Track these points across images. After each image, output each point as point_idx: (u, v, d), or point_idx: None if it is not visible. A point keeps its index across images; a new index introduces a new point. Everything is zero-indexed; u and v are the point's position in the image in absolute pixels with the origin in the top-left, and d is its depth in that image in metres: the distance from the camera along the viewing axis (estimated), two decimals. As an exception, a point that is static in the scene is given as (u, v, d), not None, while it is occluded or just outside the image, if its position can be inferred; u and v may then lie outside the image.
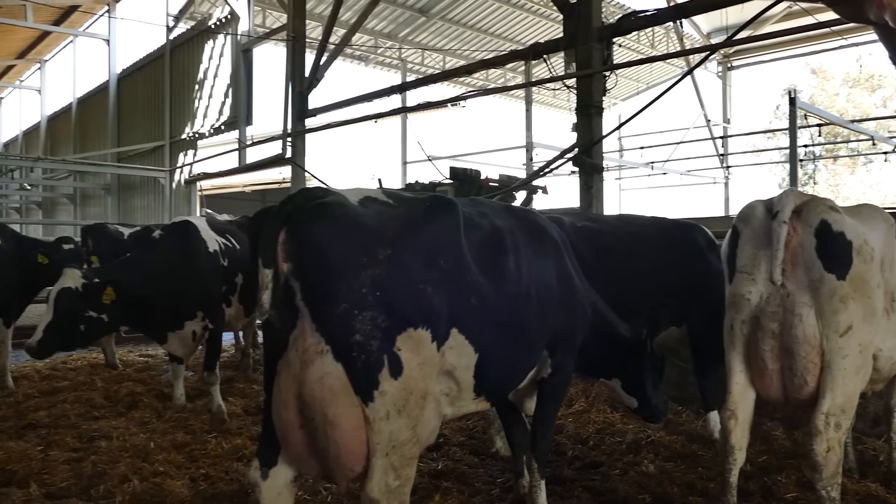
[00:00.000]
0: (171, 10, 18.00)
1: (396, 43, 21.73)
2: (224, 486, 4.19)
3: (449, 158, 17.23)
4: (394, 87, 10.84)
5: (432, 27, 21.69)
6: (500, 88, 18.54)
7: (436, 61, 23.56)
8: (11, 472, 4.41)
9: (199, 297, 5.77)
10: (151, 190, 18.07)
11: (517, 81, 24.33)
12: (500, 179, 10.14)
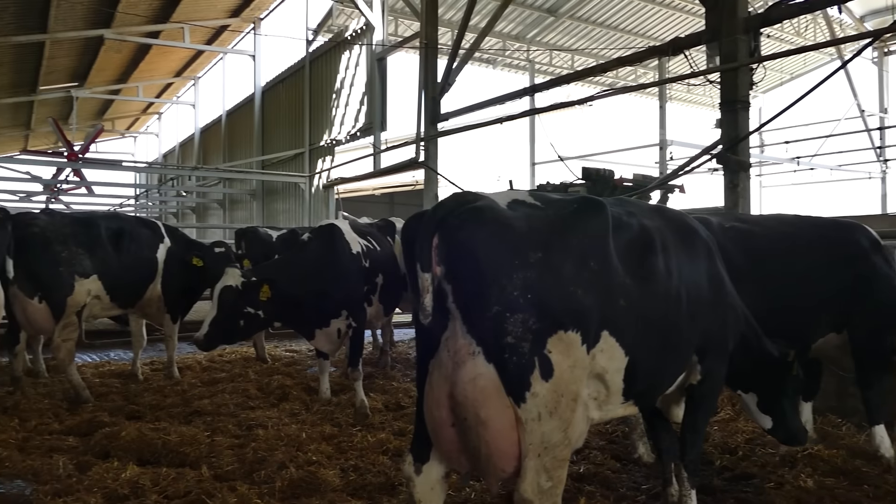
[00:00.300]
0: (310, 24, 18.99)
1: (524, 44, 21.71)
2: (372, 478, 4.37)
3: (579, 158, 16.99)
4: (526, 90, 10.85)
5: (560, 27, 21.49)
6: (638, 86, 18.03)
7: (564, 61, 23.32)
8: (184, 454, 4.84)
9: (343, 296, 6.07)
10: (292, 194, 19.12)
11: (647, 77, 23.60)
12: (635, 179, 9.87)
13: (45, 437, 5.35)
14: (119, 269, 7.07)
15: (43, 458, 4.78)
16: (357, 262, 6.21)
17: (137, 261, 7.32)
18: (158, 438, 5.01)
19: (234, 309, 5.51)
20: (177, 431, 5.20)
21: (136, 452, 4.86)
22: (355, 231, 6.48)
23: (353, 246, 6.24)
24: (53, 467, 4.53)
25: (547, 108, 10.61)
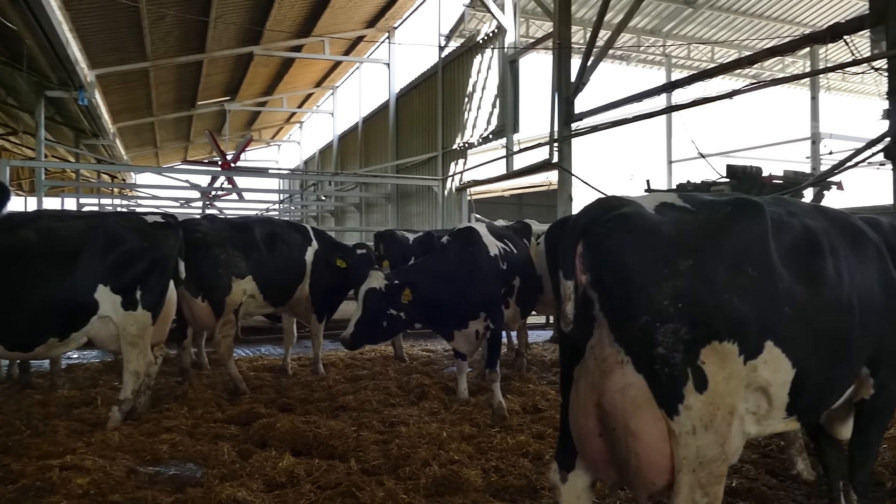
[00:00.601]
0: (442, 31, 19.37)
1: (661, 38, 20.96)
2: (514, 481, 4.39)
3: (721, 155, 16.15)
4: (665, 86, 10.47)
5: (699, 18, 20.55)
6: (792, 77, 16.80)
7: (703, 54, 22.27)
8: (333, 447, 5.09)
9: (482, 298, 6.14)
10: (426, 197, 19.58)
11: (796, 67, 22.04)
12: (786, 176, 9.23)
13: (211, 424, 5.81)
14: (271, 270, 7.56)
15: (209, 444, 5.20)
16: (495, 264, 6.27)
17: (288, 262, 7.79)
18: (310, 431, 5.29)
19: (378, 310, 5.72)
20: (326, 425, 5.46)
21: (289, 443, 5.16)
22: (492, 234, 6.54)
23: (491, 248, 6.30)
24: (219, 453, 4.91)
25: (688, 105, 10.17)
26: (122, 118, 24.01)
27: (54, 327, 5.28)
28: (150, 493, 4.17)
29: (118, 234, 5.59)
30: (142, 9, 14.15)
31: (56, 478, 4.28)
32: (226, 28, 17.63)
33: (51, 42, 11.62)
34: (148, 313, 5.69)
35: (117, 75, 18.12)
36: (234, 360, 7.40)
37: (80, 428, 5.62)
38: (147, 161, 36.07)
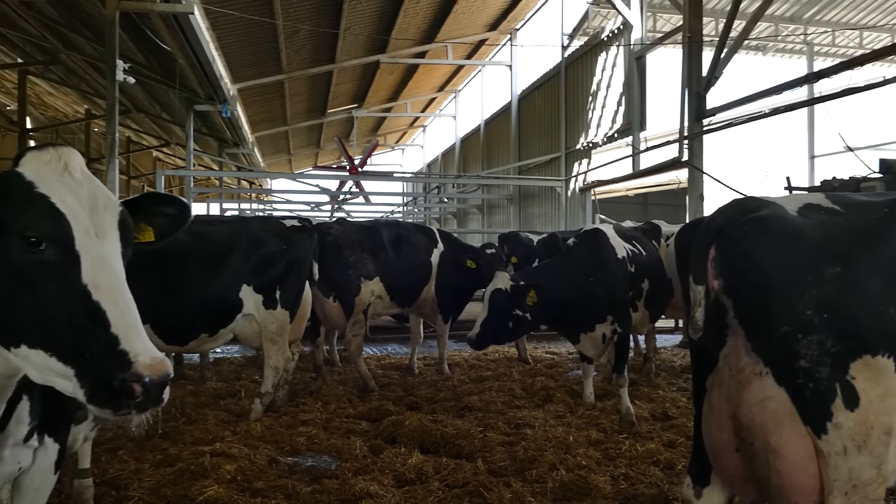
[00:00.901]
0: (565, 30, 19.14)
1: (801, 25, 19.62)
2: (644, 489, 4.28)
3: (871, 148, 14.88)
4: (808, 76, 9.79)
5: (844, 2, 19.02)
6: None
7: (850, 40, 20.63)
8: (459, 446, 5.16)
9: (609, 301, 6.01)
10: (548, 198, 19.42)
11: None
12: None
13: (343, 419, 6.07)
14: (398, 271, 7.79)
15: (342, 438, 5.43)
16: (622, 266, 6.13)
17: (414, 264, 8.00)
18: (437, 430, 5.40)
19: (504, 311, 5.74)
20: (452, 424, 5.55)
21: (418, 441, 5.29)
22: (620, 235, 6.40)
23: (619, 250, 6.16)
24: (352, 447, 5.12)
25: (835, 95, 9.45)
26: (259, 128, 25.57)
27: (205, 324, 5.71)
28: (289, 482, 4.42)
29: (260, 238, 5.97)
30: (278, 25, 15.01)
31: (207, 463, 4.62)
32: (354, 39, 18.34)
33: (199, 60, 12.59)
34: (286, 312, 6.03)
35: (256, 88, 19.32)
36: (364, 358, 7.67)
37: (227, 418, 6.05)
38: (281, 167, 38.20)
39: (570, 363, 9.03)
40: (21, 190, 1.88)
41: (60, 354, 1.81)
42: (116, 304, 1.83)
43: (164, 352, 2.12)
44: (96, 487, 4.13)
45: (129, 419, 1.79)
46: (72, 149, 2.04)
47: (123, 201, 2.14)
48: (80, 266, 1.85)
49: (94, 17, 12.51)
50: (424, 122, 38.21)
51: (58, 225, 1.86)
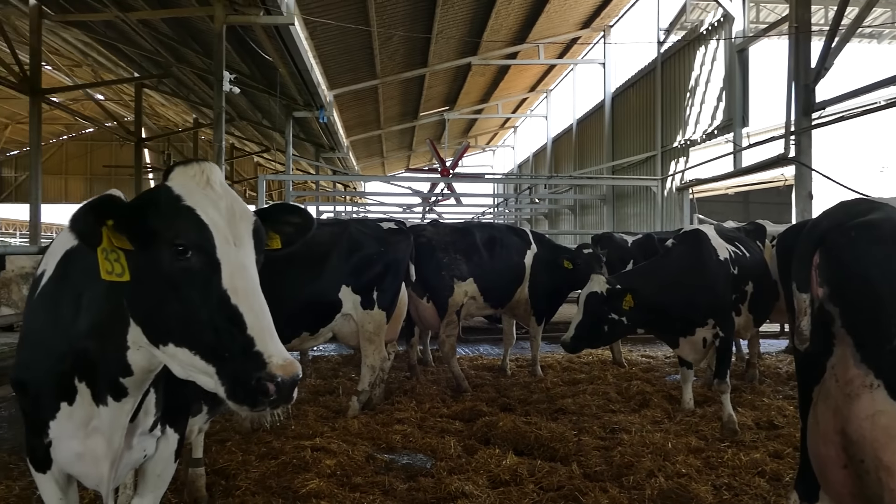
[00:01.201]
0: (661, 25, 18.60)
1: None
2: (749, 501, 4.11)
3: None
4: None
5: (973, -19, 17.58)
6: None
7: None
8: (554, 449, 5.13)
9: (709, 304, 5.81)
10: (643, 198, 18.92)
11: None
12: None
13: (437, 419, 6.14)
14: (491, 273, 7.81)
15: (437, 437, 5.50)
16: (724, 268, 5.90)
17: (507, 265, 8.00)
18: (531, 432, 5.38)
19: (599, 314, 5.65)
20: (546, 427, 5.52)
21: (512, 442, 5.30)
22: (722, 236, 6.17)
23: (720, 252, 5.94)
24: (446, 447, 5.18)
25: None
26: (354, 132, 26.25)
27: (307, 323, 5.93)
28: (386, 479, 4.53)
29: (359, 240, 6.15)
30: (373, 32, 15.37)
31: (309, 457, 4.80)
32: (446, 42, 18.52)
33: (299, 69, 13.07)
34: (383, 312, 6.17)
35: (351, 94, 19.85)
36: (457, 359, 7.74)
37: (326, 414, 6.26)
38: (374, 170, 39.05)
39: (668, 367, 8.77)
40: (171, 203, 2.06)
41: (203, 353, 1.96)
42: (252, 308, 1.97)
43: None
44: (207, 476, 4.38)
45: (263, 415, 1.92)
46: (212, 164, 2.21)
47: (255, 211, 2.29)
48: (221, 272, 2.00)
49: (203, 31, 13.23)
50: (515, 123, 38.05)
51: (202, 235, 2.01)
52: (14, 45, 13.69)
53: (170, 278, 2.01)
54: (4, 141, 35.30)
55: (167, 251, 2.01)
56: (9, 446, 5.53)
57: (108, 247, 2.03)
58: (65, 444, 2.44)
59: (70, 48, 18.68)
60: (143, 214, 2.05)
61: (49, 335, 2.38)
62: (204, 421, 3.72)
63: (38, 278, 2.56)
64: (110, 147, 37.74)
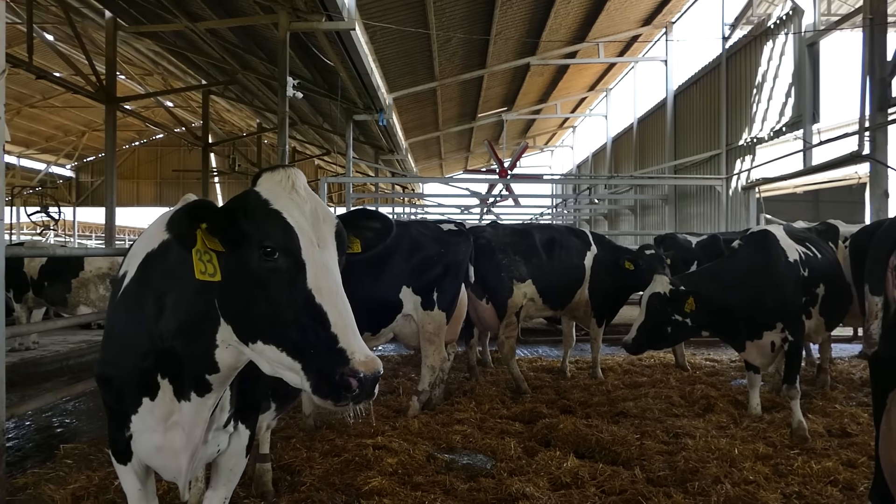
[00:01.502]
0: (726, 20, 18.10)
1: None
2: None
3: None
4: None
5: None
6: None
7: None
8: (616, 453, 5.07)
9: (778, 307, 5.65)
10: (707, 198, 18.46)
11: None
12: None
13: (497, 420, 6.15)
14: (551, 274, 7.76)
15: (496, 438, 5.51)
16: (794, 270, 5.72)
17: (567, 267, 7.94)
18: (592, 435, 5.34)
19: (662, 316, 5.56)
20: (608, 430, 5.47)
21: (572, 445, 5.26)
22: (791, 237, 5.98)
23: (790, 253, 5.76)
24: (506, 448, 5.18)
25: None
26: (412, 134, 26.46)
27: (368, 323, 6.04)
28: (447, 479, 4.56)
29: (419, 241, 6.22)
30: (432, 35, 15.48)
31: (370, 455, 4.88)
32: (505, 43, 18.49)
33: (359, 73, 13.28)
34: (443, 313, 6.22)
35: (410, 96, 20.02)
36: (516, 360, 7.72)
37: (387, 413, 6.35)
38: (433, 172, 39.26)
39: (733, 371, 8.55)
40: (259, 206, 2.17)
41: (289, 350, 2.05)
42: (336, 307, 2.05)
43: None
44: (273, 472, 4.50)
45: (346, 410, 1.99)
46: (297, 169, 2.31)
47: (338, 216, 2.38)
48: (306, 273, 2.09)
49: (267, 39, 13.59)
50: (574, 123, 37.66)
51: (288, 237, 2.10)
52: (91, 56, 14.35)
53: (258, 278, 2.10)
54: (82, 148, 37.00)
55: (256, 252, 2.10)
56: (88, 438, 5.82)
57: (201, 248, 2.14)
58: (145, 437, 2.57)
59: (142, 58, 19.46)
60: (233, 218, 2.16)
61: (132, 333, 2.51)
62: (272, 418, 3.84)
63: (120, 279, 2.70)
64: (179, 152, 39.14)
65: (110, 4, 12.97)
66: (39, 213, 26.24)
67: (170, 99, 26.23)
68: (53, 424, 6.56)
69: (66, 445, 5.43)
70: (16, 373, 8.43)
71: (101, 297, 10.57)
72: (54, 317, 11.57)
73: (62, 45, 18.03)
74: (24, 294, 10.85)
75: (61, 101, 27.85)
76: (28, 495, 4.40)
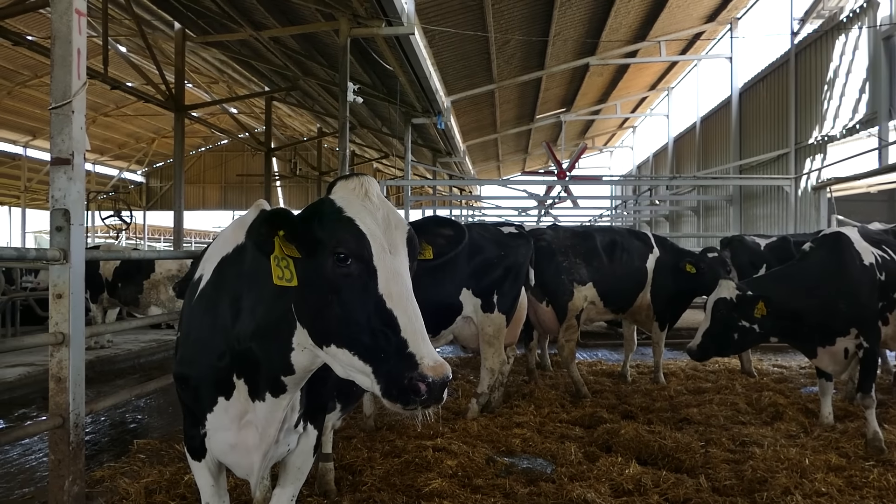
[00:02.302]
0: (795, 14, 17.50)
1: None
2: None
3: None
4: None
5: None
6: None
7: None
8: (679, 460, 4.96)
9: (852, 313, 5.42)
10: (774, 199, 17.88)
11: None
12: None
13: (556, 424, 6.10)
14: (612, 277, 7.66)
15: (556, 442, 5.47)
16: (869, 274, 5.48)
17: (628, 270, 7.82)
18: (655, 441, 5.24)
19: (728, 322, 5.41)
20: (671, 437, 5.35)
21: (634, 451, 5.18)
22: (867, 239, 5.73)
23: (865, 256, 5.52)
24: (566, 453, 5.13)
25: None
26: (470, 137, 26.50)
27: (429, 325, 6.05)
28: (507, 482, 4.55)
29: (480, 244, 6.23)
30: (490, 37, 15.48)
31: (430, 457, 4.91)
32: (563, 44, 18.33)
33: (418, 77, 13.40)
34: (503, 316, 6.21)
35: (468, 99, 20.06)
36: (576, 364, 7.64)
37: (446, 415, 6.37)
38: (490, 174, 39.22)
39: (803, 378, 8.26)
40: (333, 214, 2.23)
41: (361, 353, 2.09)
42: (406, 312, 2.09)
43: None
44: (335, 471, 4.58)
45: (415, 414, 2.02)
46: (370, 177, 2.36)
47: (411, 222, 2.43)
48: (377, 278, 2.13)
49: (328, 45, 13.85)
50: (634, 123, 37.05)
51: (360, 243, 2.15)
52: (161, 66, 14.92)
53: (332, 284, 2.15)
54: (151, 154, 38.47)
55: (330, 259, 2.15)
56: (159, 434, 6.05)
57: (279, 254, 2.21)
58: (220, 435, 2.66)
59: (209, 67, 20.12)
60: (309, 225, 2.22)
61: (209, 335, 2.60)
62: (337, 419, 3.91)
63: (196, 282, 2.80)
64: (242, 157, 40.31)
65: (179, 16, 13.46)
66: (113, 217, 27.41)
67: (234, 106, 27.03)
68: (127, 420, 6.85)
69: (138, 441, 5.67)
70: (92, 370, 8.83)
71: (171, 298, 10.95)
72: (127, 316, 12.06)
73: (134, 56, 18.80)
74: (99, 295, 11.34)
75: (133, 109, 29.06)
76: (105, 488, 4.60)
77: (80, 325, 4.23)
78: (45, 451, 4.95)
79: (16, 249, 4.23)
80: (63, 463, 4.15)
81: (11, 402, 7.64)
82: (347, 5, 10.19)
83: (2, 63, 21.07)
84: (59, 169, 4.09)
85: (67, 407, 4.15)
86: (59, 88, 4.08)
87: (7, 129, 29.50)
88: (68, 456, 4.15)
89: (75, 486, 4.18)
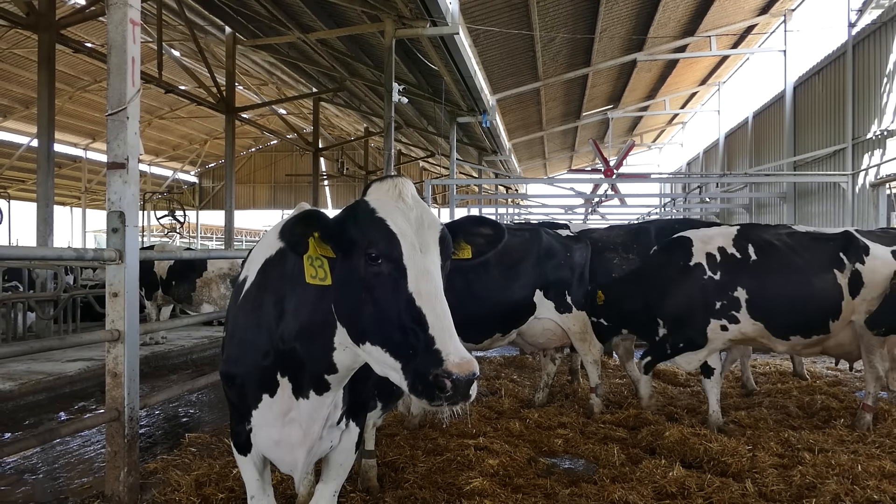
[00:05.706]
0: (853, 4, 16.91)
1: None
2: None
3: None
4: None
5: None
6: None
7: None
8: (725, 464, 4.88)
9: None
10: (830, 195, 17.33)
11: None
12: None
13: (599, 425, 6.06)
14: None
15: (599, 444, 5.44)
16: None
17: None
18: (700, 444, 5.16)
19: None
20: (717, 440, 5.27)
21: (678, 454, 5.12)
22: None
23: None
24: (609, 454, 5.11)
25: None
26: (516, 135, 26.40)
27: (502, 324, 6.36)
28: (548, 482, 4.56)
29: (551, 246, 6.52)
30: (535, 35, 15.41)
31: (472, 456, 4.95)
32: (610, 40, 18.11)
33: (462, 76, 13.44)
34: (583, 312, 6.48)
35: (513, 97, 19.99)
36: (634, 363, 7.55)
37: (489, 414, 6.39)
38: (536, 172, 39.02)
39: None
40: (366, 215, 2.29)
41: (392, 350, 2.15)
42: (434, 310, 2.12)
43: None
44: (378, 468, 4.66)
45: (442, 410, 2.06)
46: (405, 178, 2.42)
47: (449, 222, 2.48)
48: (407, 277, 2.18)
49: (374, 46, 14.01)
50: (684, 119, 36.32)
51: (391, 243, 2.21)
52: (213, 70, 15.31)
53: (365, 282, 2.22)
54: (204, 155, 39.46)
55: (362, 258, 2.22)
56: (209, 428, 6.24)
57: (313, 254, 2.29)
58: (264, 431, 2.75)
59: (258, 69, 20.53)
60: (343, 226, 2.30)
61: (253, 334, 2.69)
62: (378, 416, 3.98)
63: (241, 283, 2.90)
64: (291, 157, 40.98)
65: (230, 20, 13.80)
66: (167, 217, 28.23)
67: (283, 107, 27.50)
68: (179, 414, 7.08)
69: (190, 434, 5.86)
70: (147, 365, 9.14)
71: (223, 296, 11.25)
72: (180, 314, 12.43)
73: (187, 60, 19.32)
74: (153, 293, 11.72)
75: (186, 112, 29.84)
76: (158, 479, 4.78)
77: (135, 323, 4.40)
78: (103, 443, 5.16)
79: (75, 250, 4.42)
80: (118, 454, 4.33)
81: (72, 395, 7.98)
82: (392, 7, 10.29)
83: (63, 69, 21.91)
84: (114, 173, 4.26)
85: (123, 401, 4.33)
86: (114, 95, 4.25)
87: (68, 132, 30.61)
88: (123, 448, 4.32)
89: (130, 477, 4.35)
